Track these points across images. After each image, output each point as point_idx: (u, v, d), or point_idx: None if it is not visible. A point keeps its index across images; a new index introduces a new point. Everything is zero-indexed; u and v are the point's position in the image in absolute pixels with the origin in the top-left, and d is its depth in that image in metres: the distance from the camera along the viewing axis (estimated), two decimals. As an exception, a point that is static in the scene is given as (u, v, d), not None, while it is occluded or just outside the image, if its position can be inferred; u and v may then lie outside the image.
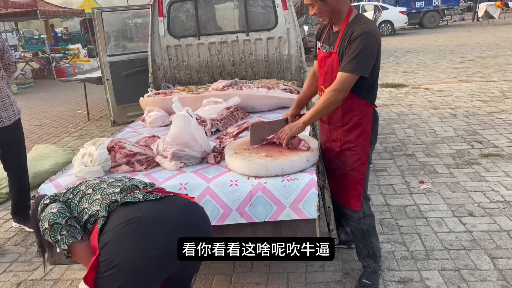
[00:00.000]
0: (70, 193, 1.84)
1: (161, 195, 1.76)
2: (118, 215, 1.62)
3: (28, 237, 3.69)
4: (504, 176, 4.04)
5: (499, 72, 9.18)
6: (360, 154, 2.43)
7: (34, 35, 24.52)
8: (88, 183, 1.88)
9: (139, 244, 1.54)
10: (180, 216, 1.69)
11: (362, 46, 2.17)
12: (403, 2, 23.18)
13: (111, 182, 1.87)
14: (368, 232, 2.59)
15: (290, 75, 4.86)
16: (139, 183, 1.88)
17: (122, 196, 1.71)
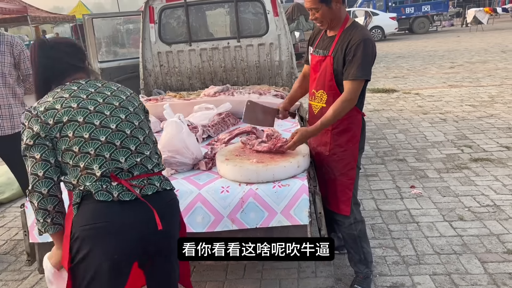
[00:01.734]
0: (56, 130, 1.60)
1: (135, 196, 1.62)
2: (87, 210, 1.58)
3: (17, 246, 3.65)
4: (493, 180, 4.09)
5: (488, 77, 9.30)
6: (349, 158, 2.45)
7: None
8: (85, 116, 1.63)
9: (103, 248, 1.56)
10: (144, 226, 1.63)
11: (366, 52, 2.23)
12: (393, 8, 23.42)
13: (106, 129, 1.65)
14: (359, 238, 2.60)
15: (281, 81, 4.88)
16: (127, 158, 1.66)
17: (96, 188, 1.58)
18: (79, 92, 1.69)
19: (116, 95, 1.76)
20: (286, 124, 3.40)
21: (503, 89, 7.97)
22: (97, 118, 1.64)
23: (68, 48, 1.80)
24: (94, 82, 1.77)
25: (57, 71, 1.75)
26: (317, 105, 2.49)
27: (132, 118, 1.73)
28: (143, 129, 1.77)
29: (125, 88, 1.86)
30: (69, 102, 1.64)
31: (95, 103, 1.67)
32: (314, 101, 2.51)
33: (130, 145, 1.68)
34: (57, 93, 1.68)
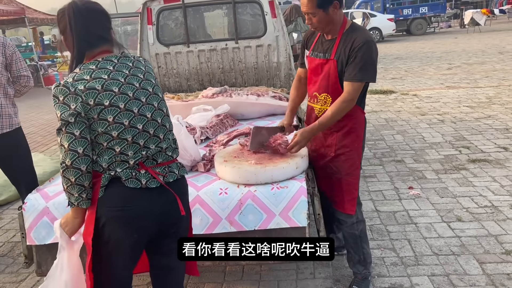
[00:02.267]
0: (95, 112, 1.63)
1: (160, 184, 1.74)
2: (116, 193, 1.68)
3: (15, 248, 3.64)
4: (491, 181, 4.09)
5: (486, 78, 9.32)
6: (354, 158, 2.47)
7: (22, 42, 24.32)
8: (126, 103, 1.67)
9: (127, 229, 1.70)
10: (170, 211, 1.79)
11: (369, 54, 2.24)
12: (391, 10, 23.48)
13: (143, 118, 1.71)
14: (360, 238, 2.61)
15: (279, 82, 4.88)
16: (156, 146, 1.75)
17: (127, 175, 1.68)
18: (117, 74, 1.69)
19: (148, 78, 1.78)
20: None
21: (501, 90, 7.99)
22: (135, 105, 1.69)
23: (99, 15, 1.76)
24: (125, 60, 1.76)
25: (91, 40, 1.72)
26: (320, 108, 2.47)
27: (162, 105, 1.80)
28: (168, 115, 1.85)
29: (145, 61, 1.87)
30: (110, 86, 1.65)
31: (133, 88, 1.71)
32: (317, 104, 2.50)
33: (160, 133, 1.77)
34: (93, 71, 1.66)
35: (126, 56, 1.78)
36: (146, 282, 2.95)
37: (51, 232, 2.36)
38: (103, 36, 1.76)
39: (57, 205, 2.36)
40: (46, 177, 4.68)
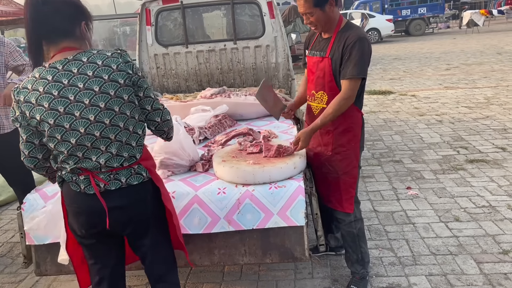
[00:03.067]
0: (34, 124, 1.65)
1: (95, 192, 1.73)
2: (66, 191, 1.81)
3: (14, 248, 3.64)
4: (489, 181, 4.11)
5: (484, 78, 9.34)
6: (351, 157, 2.48)
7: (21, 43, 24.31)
8: (55, 119, 1.62)
9: (77, 221, 1.81)
10: (102, 218, 1.76)
11: (362, 51, 2.27)
12: (390, 10, 23.53)
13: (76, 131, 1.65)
14: (358, 237, 2.62)
15: (277, 83, 4.89)
16: (98, 157, 1.69)
17: (68, 178, 1.75)
18: (51, 87, 1.60)
19: (89, 86, 1.61)
20: (283, 126, 3.41)
21: (499, 90, 8.01)
22: (66, 120, 1.62)
23: (63, 5, 1.65)
24: (70, 66, 1.62)
25: (42, 33, 1.64)
26: (317, 106, 2.50)
27: (104, 116, 1.65)
28: (119, 125, 1.68)
29: (109, 63, 1.66)
30: (42, 100, 1.61)
31: (66, 102, 1.61)
32: (314, 102, 2.52)
33: (101, 145, 1.69)
34: (35, 81, 1.63)
35: (76, 60, 1.63)
36: (145, 282, 2.96)
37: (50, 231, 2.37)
38: (67, 30, 1.66)
39: (55, 205, 2.36)
40: (44, 178, 4.68)
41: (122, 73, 1.67)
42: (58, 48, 1.67)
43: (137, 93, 1.74)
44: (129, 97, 1.70)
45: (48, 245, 2.40)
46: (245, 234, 2.32)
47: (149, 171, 1.83)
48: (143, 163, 1.82)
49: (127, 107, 1.69)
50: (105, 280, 1.92)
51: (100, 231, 1.79)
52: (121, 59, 1.69)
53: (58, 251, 2.40)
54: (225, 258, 2.37)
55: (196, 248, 2.37)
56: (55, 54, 1.67)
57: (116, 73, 1.65)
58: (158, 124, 1.85)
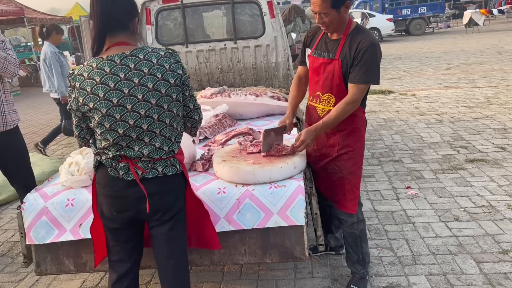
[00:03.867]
0: (85, 109, 1.77)
1: (135, 178, 1.83)
2: (101, 174, 1.88)
3: (14, 248, 3.64)
4: (489, 181, 4.11)
5: (484, 78, 9.34)
6: (357, 158, 2.49)
7: (21, 42, 24.30)
8: (108, 109, 1.73)
9: (107, 204, 1.90)
10: (138, 204, 1.86)
11: (374, 57, 2.27)
12: (390, 10, 23.50)
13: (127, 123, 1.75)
14: (360, 238, 2.62)
15: (278, 83, 4.89)
16: (140, 148, 1.80)
17: (108, 164, 1.84)
18: (108, 79, 1.71)
19: (144, 83, 1.73)
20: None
21: (499, 90, 8.01)
22: (118, 111, 1.73)
23: (125, 0, 1.80)
24: (128, 61, 1.73)
25: (105, 23, 1.76)
26: (324, 108, 2.48)
27: (153, 112, 1.77)
28: (165, 121, 1.81)
29: (163, 62, 1.78)
30: (97, 90, 1.72)
31: (120, 94, 1.72)
32: (320, 104, 2.50)
33: (145, 138, 1.80)
34: (91, 70, 1.73)
35: (133, 55, 1.75)
36: (145, 282, 2.96)
37: (51, 231, 2.37)
38: (124, 23, 1.79)
39: (56, 204, 2.36)
40: (45, 177, 4.69)
41: (173, 73, 1.80)
42: (113, 41, 1.78)
43: (184, 92, 1.88)
44: (177, 96, 1.83)
45: (48, 245, 2.40)
46: (245, 233, 2.32)
47: (181, 164, 1.94)
48: (178, 157, 1.93)
49: (174, 106, 1.83)
50: (122, 262, 2.00)
51: (130, 215, 1.89)
52: (172, 59, 1.82)
53: (58, 251, 2.41)
54: (225, 258, 2.38)
55: (196, 248, 2.37)
56: (110, 46, 1.78)
57: (168, 73, 1.78)
58: (195, 121, 1.99)
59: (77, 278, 3.08)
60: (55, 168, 5.11)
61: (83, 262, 2.43)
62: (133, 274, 2.04)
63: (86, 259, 2.42)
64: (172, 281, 1.99)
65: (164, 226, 1.92)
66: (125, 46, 1.78)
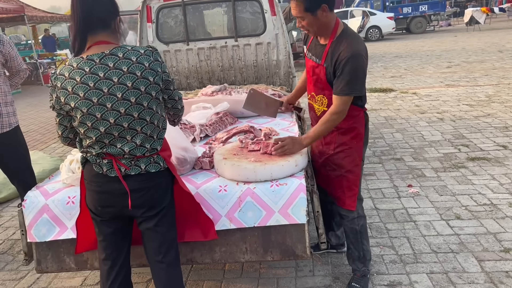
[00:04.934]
0: (67, 109, 1.78)
1: (117, 175, 1.85)
2: (88, 170, 1.92)
3: (14, 245, 3.64)
4: (490, 179, 4.10)
5: (485, 76, 9.32)
6: (354, 155, 2.48)
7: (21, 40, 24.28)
8: (88, 108, 1.74)
9: (93, 199, 1.94)
10: (121, 199, 1.89)
11: (354, 69, 2.23)
12: (391, 8, 23.46)
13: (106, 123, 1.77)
14: (361, 233, 2.63)
15: (279, 81, 4.88)
16: (123, 145, 1.82)
17: (92, 160, 1.86)
18: (88, 78, 1.72)
19: (123, 81, 1.73)
20: (284, 124, 3.40)
21: (500, 88, 8.00)
22: (98, 110, 1.75)
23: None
24: (107, 60, 1.73)
25: (86, 22, 1.76)
26: (319, 108, 2.52)
27: (133, 110, 1.77)
28: (146, 118, 1.82)
29: (142, 61, 1.77)
30: (77, 89, 1.73)
31: (99, 94, 1.73)
32: (316, 104, 2.54)
33: (127, 135, 1.82)
34: (72, 70, 1.74)
35: (112, 54, 1.75)
36: (146, 280, 2.96)
37: (52, 229, 2.37)
38: (105, 22, 1.80)
39: (56, 202, 2.36)
40: (45, 175, 4.69)
41: (152, 71, 1.79)
42: (94, 40, 1.79)
43: (168, 87, 1.91)
44: (156, 94, 1.83)
45: (49, 243, 2.40)
46: (246, 231, 2.32)
47: (166, 161, 1.94)
48: (161, 154, 1.93)
49: (154, 103, 1.83)
50: (110, 256, 2.02)
51: (114, 210, 1.92)
52: (152, 57, 1.81)
53: (59, 249, 2.41)
54: (226, 256, 2.37)
55: (197, 246, 2.37)
56: (91, 45, 1.79)
57: (148, 71, 1.78)
58: (178, 110, 2.05)
59: (78, 276, 3.08)
60: (56, 166, 5.11)
61: (84, 260, 2.43)
62: (124, 270, 2.05)
63: (87, 257, 2.42)
64: (162, 276, 2.00)
65: (150, 222, 1.94)
66: (105, 45, 1.78)
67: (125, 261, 2.05)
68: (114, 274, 2.01)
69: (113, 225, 1.98)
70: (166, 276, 2.00)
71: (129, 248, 2.09)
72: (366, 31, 21.37)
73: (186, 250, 2.36)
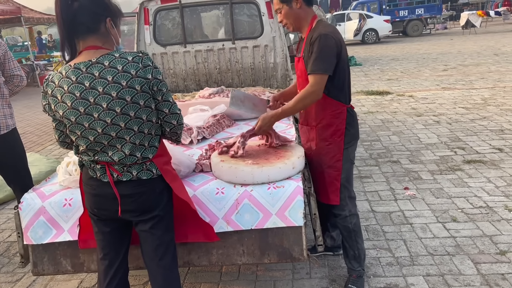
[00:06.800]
0: (57, 115, 1.79)
1: (109, 181, 1.85)
2: (84, 173, 1.94)
3: (10, 248, 3.63)
4: (486, 182, 4.12)
5: (481, 79, 9.37)
6: (335, 151, 2.52)
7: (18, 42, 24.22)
8: (76, 117, 1.73)
9: (89, 201, 1.96)
10: (112, 204, 1.89)
11: (321, 47, 2.30)
12: (388, 11, 23.55)
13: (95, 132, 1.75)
14: (354, 232, 2.64)
15: (276, 83, 4.89)
16: (113, 154, 1.80)
17: (87, 165, 1.88)
18: (74, 88, 1.70)
19: (108, 91, 1.69)
20: (280, 126, 3.41)
21: (496, 91, 8.04)
22: (86, 120, 1.74)
23: (88, 2, 1.73)
24: (93, 69, 1.69)
25: (71, 29, 1.73)
26: None
27: (119, 120, 1.73)
28: (133, 128, 1.77)
29: (129, 69, 1.70)
30: (65, 98, 1.72)
31: (86, 104, 1.71)
32: None
33: (117, 144, 1.80)
34: (61, 78, 1.73)
35: (98, 63, 1.70)
36: (143, 282, 2.95)
37: (48, 231, 2.36)
38: (91, 26, 1.74)
39: (53, 204, 2.35)
40: (42, 177, 4.68)
41: (140, 79, 1.73)
42: (85, 45, 1.76)
43: (155, 97, 1.81)
44: (145, 102, 1.77)
45: (45, 245, 2.39)
46: (244, 234, 2.32)
47: (160, 168, 1.90)
48: (156, 160, 1.90)
49: (143, 112, 1.78)
50: (108, 256, 2.02)
51: (109, 213, 1.93)
52: (141, 64, 1.74)
53: (55, 251, 2.40)
54: (223, 258, 2.37)
55: (194, 248, 2.37)
56: (82, 50, 1.76)
57: (134, 79, 1.72)
58: (174, 126, 1.92)
59: (74, 278, 3.07)
60: (53, 168, 5.10)
61: (80, 262, 2.42)
62: (122, 270, 2.05)
63: (83, 259, 2.41)
64: (159, 279, 1.99)
65: (145, 225, 1.94)
66: (95, 51, 1.73)
67: (122, 261, 2.05)
68: (112, 274, 2.01)
69: (111, 225, 1.99)
70: (162, 279, 1.99)
71: (127, 249, 2.09)
72: (363, 34, 21.45)
73: (183, 252, 2.36)
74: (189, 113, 3.69)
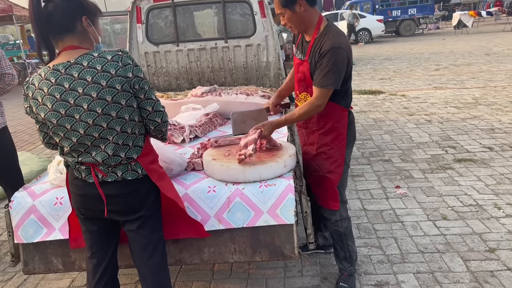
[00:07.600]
0: (39, 117, 1.77)
1: (94, 181, 1.84)
2: (69, 173, 1.93)
3: (1, 247, 3.60)
4: (476, 181, 4.16)
5: (472, 79, 9.45)
6: (336, 156, 2.50)
7: (9, 40, 24.01)
8: (58, 119, 1.71)
9: (75, 200, 1.96)
10: (98, 204, 1.88)
11: (333, 61, 2.24)
12: (380, 11, 23.66)
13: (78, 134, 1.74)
14: (345, 235, 2.65)
15: (268, 82, 4.89)
16: (97, 154, 1.78)
17: (72, 165, 1.86)
18: (54, 90, 1.68)
19: (88, 92, 1.66)
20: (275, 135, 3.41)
21: (487, 91, 8.11)
22: (68, 122, 1.72)
23: (61, 1, 1.69)
24: (71, 70, 1.66)
25: (46, 30, 1.70)
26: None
27: (101, 120, 1.71)
28: (114, 128, 1.75)
29: (108, 68, 1.68)
30: (46, 100, 1.70)
31: (66, 105, 1.68)
32: (299, 102, 2.57)
33: (100, 144, 1.78)
34: (41, 80, 1.71)
35: (77, 63, 1.67)
36: (135, 281, 2.95)
37: (39, 230, 2.35)
38: (66, 26, 1.71)
39: (44, 203, 2.35)
40: (33, 175, 4.65)
41: (120, 78, 1.70)
42: (64, 45, 1.74)
43: (137, 95, 1.78)
44: (127, 102, 1.75)
45: (36, 244, 2.38)
46: (235, 232, 2.33)
47: (145, 168, 1.88)
48: (141, 160, 1.87)
49: (126, 111, 1.75)
50: (96, 254, 2.02)
51: (94, 213, 1.92)
52: (121, 62, 1.70)
53: (46, 250, 2.39)
54: (215, 256, 2.38)
55: (186, 246, 2.37)
56: (61, 51, 1.74)
57: (114, 79, 1.69)
58: (158, 124, 1.88)
59: (65, 277, 3.06)
60: (44, 167, 5.07)
61: (71, 261, 2.42)
62: (111, 268, 2.05)
63: (74, 258, 2.41)
64: (148, 278, 1.99)
65: (132, 225, 1.94)
66: (73, 51, 1.71)
67: (111, 260, 2.05)
68: (100, 272, 2.01)
69: (98, 224, 1.99)
70: (152, 278, 1.99)
71: (116, 248, 2.08)
72: (356, 33, 21.52)
73: (174, 250, 2.36)
74: (182, 111, 3.69)
